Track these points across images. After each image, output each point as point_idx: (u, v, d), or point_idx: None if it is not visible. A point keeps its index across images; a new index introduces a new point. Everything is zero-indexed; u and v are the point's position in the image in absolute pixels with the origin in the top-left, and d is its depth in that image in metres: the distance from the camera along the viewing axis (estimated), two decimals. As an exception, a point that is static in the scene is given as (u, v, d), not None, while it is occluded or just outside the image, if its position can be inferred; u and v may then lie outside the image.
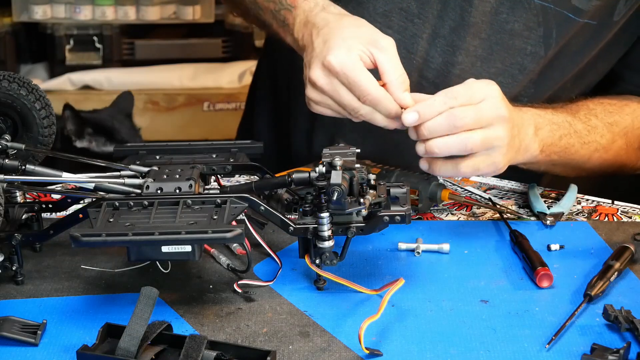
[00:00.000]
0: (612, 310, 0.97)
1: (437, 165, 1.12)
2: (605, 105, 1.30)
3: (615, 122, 1.28)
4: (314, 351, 0.93)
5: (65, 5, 3.02)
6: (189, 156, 1.14)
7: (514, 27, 1.28)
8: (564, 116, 1.22)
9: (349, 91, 1.12)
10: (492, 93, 1.10)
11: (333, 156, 1.02)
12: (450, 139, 1.08)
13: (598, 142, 1.25)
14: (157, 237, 0.93)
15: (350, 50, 1.11)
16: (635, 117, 1.31)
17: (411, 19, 1.30)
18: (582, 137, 1.22)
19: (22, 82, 1.13)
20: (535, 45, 1.29)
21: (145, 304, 0.89)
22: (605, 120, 1.27)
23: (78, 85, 3.04)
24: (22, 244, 1.05)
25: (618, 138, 1.28)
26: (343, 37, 1.12)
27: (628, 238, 1.18)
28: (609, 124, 1.27)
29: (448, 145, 1.08)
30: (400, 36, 1.31)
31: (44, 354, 0.93)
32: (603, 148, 1.25)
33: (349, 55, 1.11)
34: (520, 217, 1.26)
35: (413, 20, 1.30)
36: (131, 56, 3.11)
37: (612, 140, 1.26)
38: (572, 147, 1.22)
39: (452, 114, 1.07)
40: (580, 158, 1.24)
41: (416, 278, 1.08)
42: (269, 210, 1.02)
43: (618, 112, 1.30)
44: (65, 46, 3.06)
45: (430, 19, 1.30)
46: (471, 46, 1.30)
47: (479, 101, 1.09)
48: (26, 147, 1.10)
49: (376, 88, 1.11)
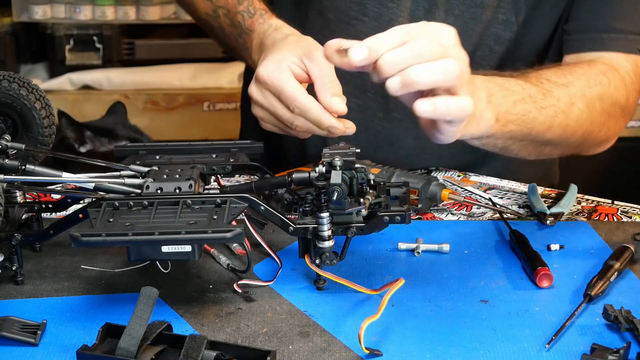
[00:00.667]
0: (612, 310, 0.97)
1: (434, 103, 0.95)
2: (554, 69, 1.24)
3: (569, 82, 1.20)
4: (314, 351, 0.93)
5: (65, 5, 3.02)
6: (189, 156, 1.14)
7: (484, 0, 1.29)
8: (515, 81, 1.14)
9: (279, 102, 1.11)
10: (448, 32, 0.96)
11: (333, 156, 1.02)
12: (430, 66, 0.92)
13: (556, 105, 1.16)
14: (157, 237, 0.93)
15: (279, 62, 1.11)
16: (589, 77, 1.24)
17: (385, 3, 1.31)
18: (537, 101, 1.14)
19: (22, 82, 1.13)
20: (506, 13, 1.29)
21: (145, 304, 0.89)
22: (558, 82, 1.19)
23: (78, 85, 3.04)
24: (22, 244, 1.05)
25: (576, 100, 1.20)
26: (278, 51, 1.13)
27: (628, 238, 1.18)
28: (563, 86, 1.19)
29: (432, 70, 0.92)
30: (377, 23, 1.31)
31: (44, 354, 0.93)
32: (562, 112, 1.17)
33: (278, 66, 1.11)
34: (520, 217, 1.26)
35: (387, 5, 1.31)
36: (131, 56, 3.11)
37: (570, 103, 1.18)
38: (529, 112, 1.13)
39: (416, 45, 0.92)
40: (540, 126, 1.15)
41: (416, 278, 1.08)
42: (269, 210, 1.02)
43: (570, 73, 1.23)
44: (65, 46, 3.06)
45: (404, 2, 1.30)
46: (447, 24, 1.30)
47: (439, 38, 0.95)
48: (26, 147, 1.10)
49: (302, 94, 1.09)
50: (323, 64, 1.11)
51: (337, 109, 1.09)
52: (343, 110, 1.10)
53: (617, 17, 1.30)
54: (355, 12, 1.31)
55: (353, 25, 1.32)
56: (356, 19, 1.32)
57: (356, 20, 1.32)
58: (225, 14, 1.28)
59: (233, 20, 1.27)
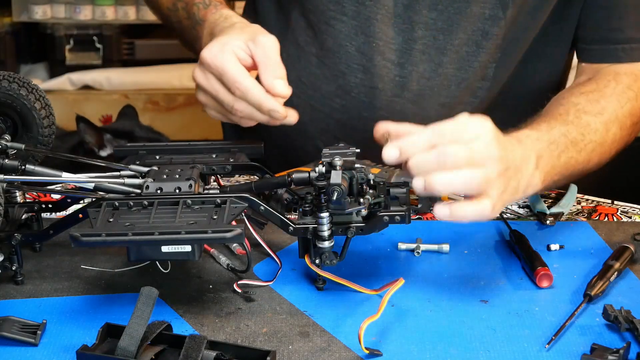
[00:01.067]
0: (612, 310, 0.97)
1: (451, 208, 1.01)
2: (587, 95, 1.25)
3: (603, 109, 1.23)
4: (314, 351, 0.93)
5: (65, 5, 3.02)
6: (189, 156, 1.14)
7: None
8: (559, 127, 1.16)
9: (221, 85, 1.10)
10: (484, 132, 1.00)
11: (333, 156, 1.02)
12: (452, 176, 0.98)
13: (594, 140, 1.20)
14: (157, 237, 0.93)
15: (223, 45, 1.10)
16: (618, 95, 1.26)
17: (362, 2, 1.30)
18: (577, 143, 1.17)
19: (22, 82, 1.13)
20: (493, 8, 1.29)
21: (145, 304, 0.89)
22: (594, 111, 1.22)
23: (78, 85, 3.05)
24: (22, 244, 1.05)
25: (611, 125, 1.22)
26: (224, 36, 1.13)
27: (628, 238, 1.18)
28: (598, 114, 1.22)
29: (452, 182, 0.98)
30: (356, 22, 1.31)
31: (44, 354, 0.93)
32: (600, 144, 1.21)
33: (222, 48, 1.10)
34: (520, 217, 1.26)
35: (365, 3, 1.30)
36: (131, 56, 3.11)
37: (605, 131, 1.21)
38: (571, 159, 1.16)
39: (442, 151, 0.98)
40: (579, 165, 1.19)
41: (416, 278, 1.08)
42: (268, 210, 1.02)
43: (602, 97, 1.25)
44: (65, 46, 3.06)
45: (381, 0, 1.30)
46: (429, 19, 1.30)
47: (470, 139, 0.99)
48: (26, 147, 1.10)
49: (244, 76, 1.08)
50: (268, 48, 1.10)
51: (279, 91, 1.08)
52: (286, 93, 1.09)
53: (636, 25, 1.32)
54: (333, 12, 1.31)
55: (332, 25, 1.32)
56: (335, 19, 1.32)
57: (335, 20, 1.32)
58: (183, 7, 1.29)
59: (189, 13, 1.28)
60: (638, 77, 1.30)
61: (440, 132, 0.99)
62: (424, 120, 1.32)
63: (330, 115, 1.30)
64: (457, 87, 1.33)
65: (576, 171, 1.19)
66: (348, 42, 1.32)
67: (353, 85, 1.34)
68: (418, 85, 1.32)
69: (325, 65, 1.35)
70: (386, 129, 1.06)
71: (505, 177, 1.01)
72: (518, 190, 1.05)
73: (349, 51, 1.33)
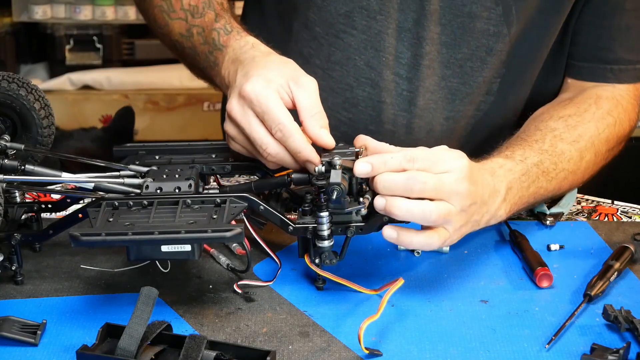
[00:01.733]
0: (612, 310, 0.97)
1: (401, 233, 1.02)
2: (566, 120, 1.26)
3: (580, 135, 1.24)
4: (314, 351, 0.93)
5: (65, 5, 3.02)
6: (189, 156, 1.14)
7: (472, 9, 1.28)
8: (532, 157, 1.17)
9: (260, 123, 1.06)
10: (457, 167, 1.02)
11: (332, 155, 1.02)
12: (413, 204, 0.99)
13: (566, 169, 1.21)
14: (157, 237, 0.93)
15: (268, 82, 1.07)
16: (597, 121, 1.27)
17: (374, 16, 1.30)
18: (549, 173, 1.18)
19: (21, 83, 1.12)
20: (497, 25, 1.29)
21: (145, 303, 0.89)
22: (570, 139, 1.23)
23: (78, 85, 3.05)
24: (21, 244, 1.05)
25: (586, 153, 1.24)
26: (265, 70, 1.09)
27: (628, 238, 1.18)
28: (574, 142, 1.23)
29: (410, 210, 0.99)
30: (366, 35, 1.31)
31: (44, 354, 0.93)
32: (572, 173, 1.21)
33: (267, 85, 1.06)
34: (520, 217, 1.26)
35: (375, 18, 1.30)
36: (131, 56, 3.11)
37: (579, 158, 1.22)
38: (541, 188, 1.17)
39: (411, 176, 1.00)
40: (549, 193, 1.20)
41: (416, 278, 1.08)
42: (268, 210, 1.02)
43: (580, 122, 1.26)
44: (65, 46, 3.06)
45: (392, 14, 1.30)
46: (435, 34, 1.30)
47: (441, 171, 1.01)
48: (25, 147, 1.10)
49: (289, 119, 1.05)
50: (311, 92, 1.07)
51: (326, 141, 1.06)
52: (332, 144, 1.07)
53: (626, 46, 1.33)
54: (343, 25, 1.30)
55: (342, 38, 1.31)
56: (345, 32, 1.31)
57: (345, 33, 1.31)
58: (199, 32, 1.24)
59: (207, 38, 1.23)
60: (619, 103, 1.31)
61: (413, 157, 1.01)
62: (429, 134, 1.33)
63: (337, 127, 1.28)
64: (461, 101, 1.33)
65: (544, 198, 1.20)
66: (357, 56, 1.31)
67: (360, 98, 1.33)
68: (424, 99, 1.32)
69: (332, 78, 1.34)
70: (364, 143, 1.07)
71: (468, 212, 1.03)
72: (480, 223, 1.07)
73: (357, 65, 1.32)
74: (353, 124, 1.35)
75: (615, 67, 1.33)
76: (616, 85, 1.33)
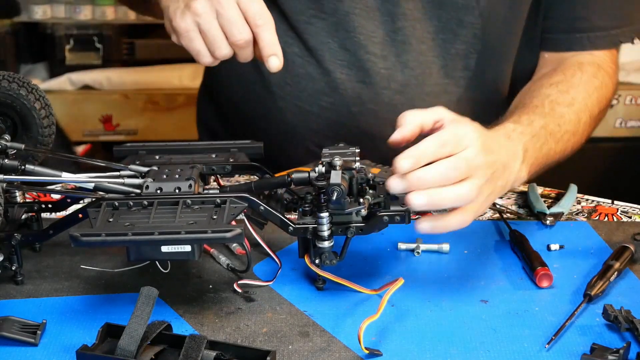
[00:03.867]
0: (612, 310, 0.97)
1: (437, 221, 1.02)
2: (557, 86, 1.29)
3: (573, 99, 1.27)
4: (314, 351, 0.93)
5: (65, 5, 3.02)
6: (189, 156, 1.14)
7: None
8: (538, 120, 1.18)
9: (237, 8, 1.09)
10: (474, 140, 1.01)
11: (333, 156, 1.02)
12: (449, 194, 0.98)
13: (569, 131, 1.24)
14: (157, 237, 0.93)
15: None
16: (585, 84, 1.31)
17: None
18: (555, 134, 1.20)
19: (21, 82, 1.12)
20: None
21: (144, 303, 0.89)
22: (565, 102, 1.26)
23: (78, 85, 3.04)
24: (21, 244, 1.05)
25: (582, 114, 1.27)
26: None
27: (628, 238, 1.18)
28: (570, 105, 1.26)
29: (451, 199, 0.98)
30: (335, 18, 1.33)
31: (44, 354, 0.93)
32: (573, 134, 1.25)
33: None
34: (520, 217, 1.26)
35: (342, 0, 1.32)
36: (131, 56, 3.11)
37: (577, 120, 1.26)
38: (551, 150, 1.19)
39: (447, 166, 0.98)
40: (557, 155, 1.22)
41: (416, 278, 1.08)
42: (268, 210, 1.02)
43: (571, 87, 1.29)
44: (65, 46, 3.06)
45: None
46: (407, 10, 1.32)
47: (464, 148, 1.00)
48: (26, 147, 1.10)
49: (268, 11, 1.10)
50: None
51: None
52: None
53: (599, 13, 1.37)
54: (313, 10, 1.33)
55: (313, 24, 1.34)
56: (315, 17, 1.33)
57: (315, 18, 1.33)
58: None
59: None
60: (600, 67, 1.35)
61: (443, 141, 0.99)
62: None
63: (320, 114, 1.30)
64: (438, 74, 1.35)
65: (553, 161, 1.22)
66: (330, 39, 1.34)
67: (339, 81, 1.36)
68: (403, 75, 1.34)
69: (310, 65, 1.36)
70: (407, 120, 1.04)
71: (492, 180, 1.03)
72: (505, 187, 1.08)
73: (331, 48, 1.35)
74: (336, 108, 1.37)
75: (591, 34, 1.37)
76: (594, 52, 1.37)
